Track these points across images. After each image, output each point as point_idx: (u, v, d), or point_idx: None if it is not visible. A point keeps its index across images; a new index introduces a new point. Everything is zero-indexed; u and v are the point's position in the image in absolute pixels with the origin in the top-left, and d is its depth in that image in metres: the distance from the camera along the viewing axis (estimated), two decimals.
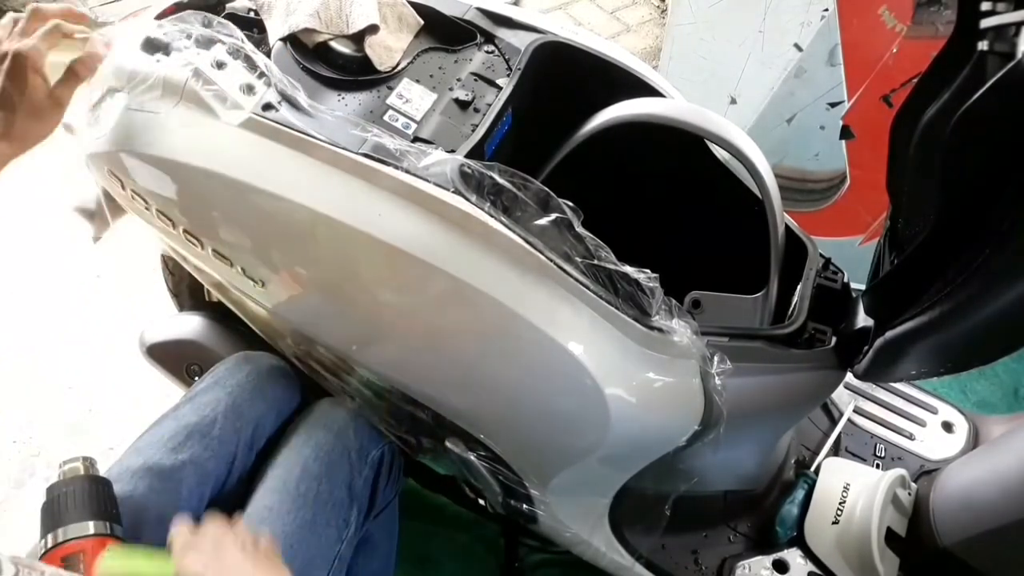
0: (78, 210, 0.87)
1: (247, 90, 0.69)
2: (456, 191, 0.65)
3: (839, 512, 0.98)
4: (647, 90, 0.88)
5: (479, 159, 0.68)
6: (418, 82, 0.78)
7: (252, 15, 0.84)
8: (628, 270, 0.67)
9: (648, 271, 0.67)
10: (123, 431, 1.32)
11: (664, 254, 0.81)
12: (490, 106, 0.76)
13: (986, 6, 0.58)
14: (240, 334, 0.97)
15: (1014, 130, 0.50)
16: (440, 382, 0.76)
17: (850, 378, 0.79)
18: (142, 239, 0.96)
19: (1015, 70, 0.48)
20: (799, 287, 0.80)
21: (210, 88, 0.68)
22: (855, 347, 0.74)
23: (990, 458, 0.96)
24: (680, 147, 0.88)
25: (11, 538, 1.19)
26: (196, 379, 0.82)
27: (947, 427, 1.14)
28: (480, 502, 0.99)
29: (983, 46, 0.58)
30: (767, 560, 0.96)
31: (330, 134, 0.67)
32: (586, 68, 0.87)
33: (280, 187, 0.67)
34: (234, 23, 0.73)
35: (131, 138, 0.72)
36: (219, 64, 0.70)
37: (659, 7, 2.47)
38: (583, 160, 0.83)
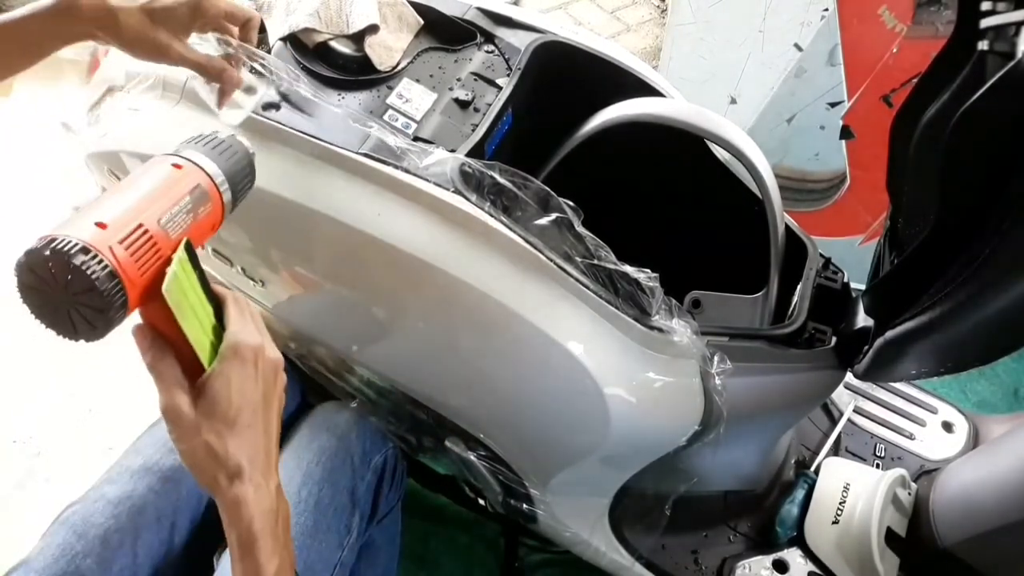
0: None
1: (247, 90, 0.69)
2: (456, 191, 0.65)
3: (839, 512, 0.98)
4: (647, 90, 0.88)
5: (479, 159, 0.68)
6: (418, 82, 0.78)
7: None
8: (628, 270, 0.67)
9: (648, 271, 0.67)
10: (123, 431, 1.32)
11: (664, 254, 0.81)
12: (490, 106, 0.76)
13: (986, 6, 0.58)
14: None
15: (1014, 130, 0.50)
16: (440, 382, 0.76)
17: (850, 378, 0.79)
18: None
19: (1015, 70, 0.48)
20: (799, 287, 0.80)
21: (210, 88, 0.68)
22: (855, 347, 0.74)
23: (990, 458, 0.96)
24: (680, 147, 0.88)
25: (12, 538, 1.18)
26: None
27: (947, 427, 1.14)
28: (480, 502, 0.99)
29: (983, 46, 0.58)
30: (767, 560, 0.96)
31: (331, 133, 0.67)
32: (586, 68, 0.87)
33: (280, 187, 0.67)
34: None
35: (131, 138, 0.72)
36: None
37: (659, 7, 2.47)
38: (583, 160, 0.83)
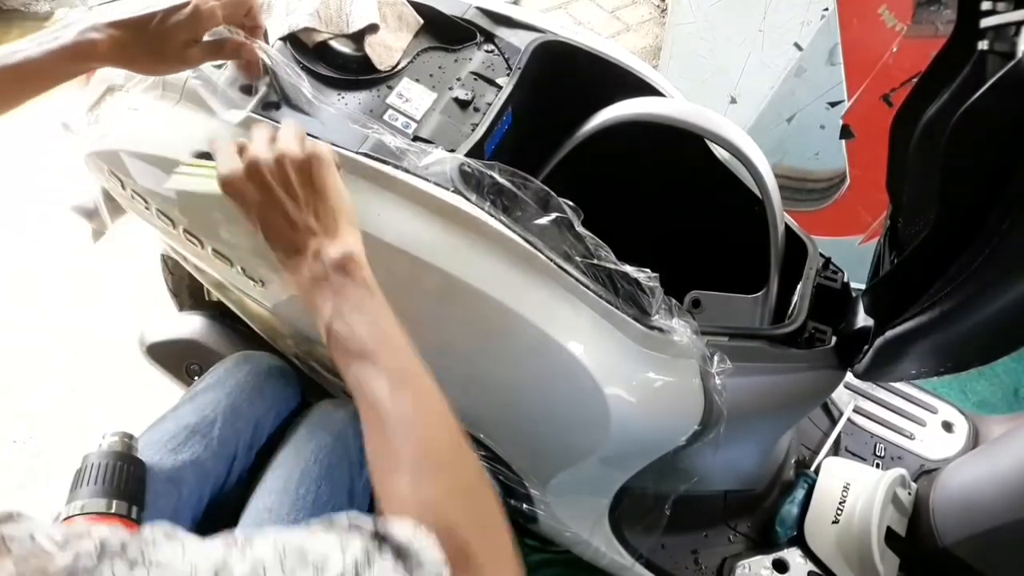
0: (78, 210, 0.87)
1: (247, 89, 0.69)
2: (456, 190, 0.65)
3: (839, 512, 0.98)
4: (647, 89, 0.87)
5: (479, 158, 0.68)
6: (418, 81, 0.78)
7: None
8: (628, 269, 0.67)
9: (648, 271, 0.67)
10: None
11: (664, 254, 0.81)
12: (490, 105, 0.76)
13: (986, 6, 0.58)
14: (240, 334, 0.97)
15: (1014, 130, 0.50)
16: (439, 382, 0.75)
17: (850, 378, 0.79)
18: (142, 239, 0.96)
19: (1015, 70, 0.48)
20: (799, 287, 0.80)
21: (210, 87, 0.68)
22: (855, 347, 0.74)
23: (990, 458, 0.96)
24: (680, 147, 0.88)
25: None
26: (196, 379, 0.82)
27: (947, 427, 1.14)
28: None
29: (983, 46, 0.58)
30: (767, 560, 0.96)
31: (330, 133, 0.67)
32: (586, 67, 0.87)
33: None
34: None
35: (131, 137, 0.72)
36: (219, 64, 0.70)
37: (659, 6, 2.47)
38: (583, 160, 0.83)
